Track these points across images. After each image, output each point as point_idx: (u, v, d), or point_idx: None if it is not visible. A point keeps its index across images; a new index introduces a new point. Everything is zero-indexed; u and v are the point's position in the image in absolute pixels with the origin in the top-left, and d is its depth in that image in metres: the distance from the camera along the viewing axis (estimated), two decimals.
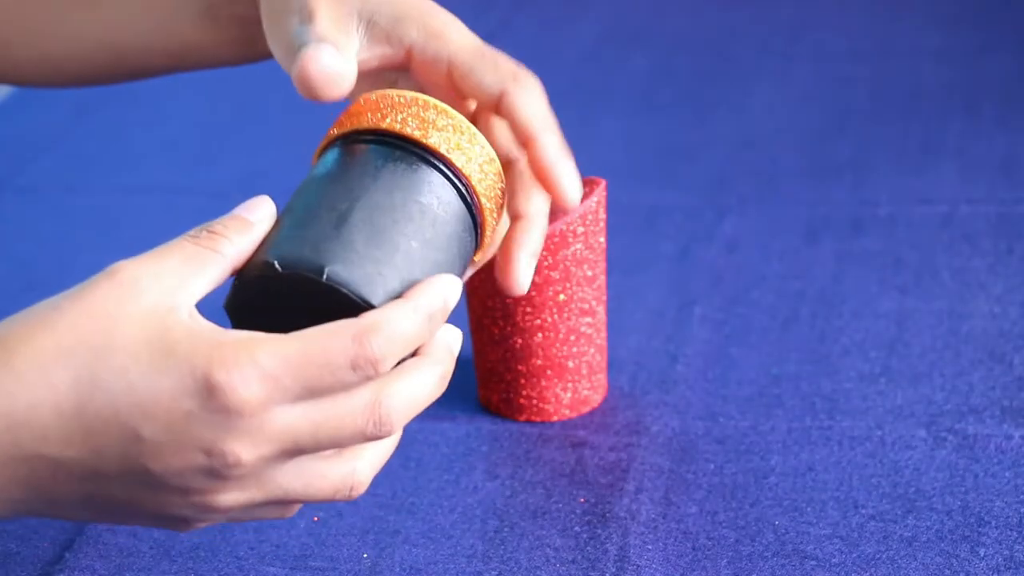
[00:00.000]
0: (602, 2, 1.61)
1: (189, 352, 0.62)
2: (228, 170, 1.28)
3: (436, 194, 0.69)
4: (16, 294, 1.10)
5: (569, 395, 0.92)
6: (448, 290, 0.66)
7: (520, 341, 0.91)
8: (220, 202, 0.90)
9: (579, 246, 0.90)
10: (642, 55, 1.47)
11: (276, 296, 0.66)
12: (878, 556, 0.79)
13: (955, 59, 1.40)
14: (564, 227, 0.89)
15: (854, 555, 0.80)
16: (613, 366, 0.96)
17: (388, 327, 0.64)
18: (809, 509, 0.83)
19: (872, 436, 0.89)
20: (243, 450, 0.62)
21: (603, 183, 0.91)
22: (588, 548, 0.81)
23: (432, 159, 0.70)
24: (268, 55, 0.80)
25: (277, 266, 0.65)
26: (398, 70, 0.76)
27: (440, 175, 0.70)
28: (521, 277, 0.73)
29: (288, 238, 0.67)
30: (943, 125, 1.27)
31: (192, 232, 0.67)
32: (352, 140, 0.70)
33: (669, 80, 1.42)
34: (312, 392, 0.63)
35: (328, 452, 0.66)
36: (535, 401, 0.92)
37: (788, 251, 1.10)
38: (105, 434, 0.62)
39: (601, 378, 0.94)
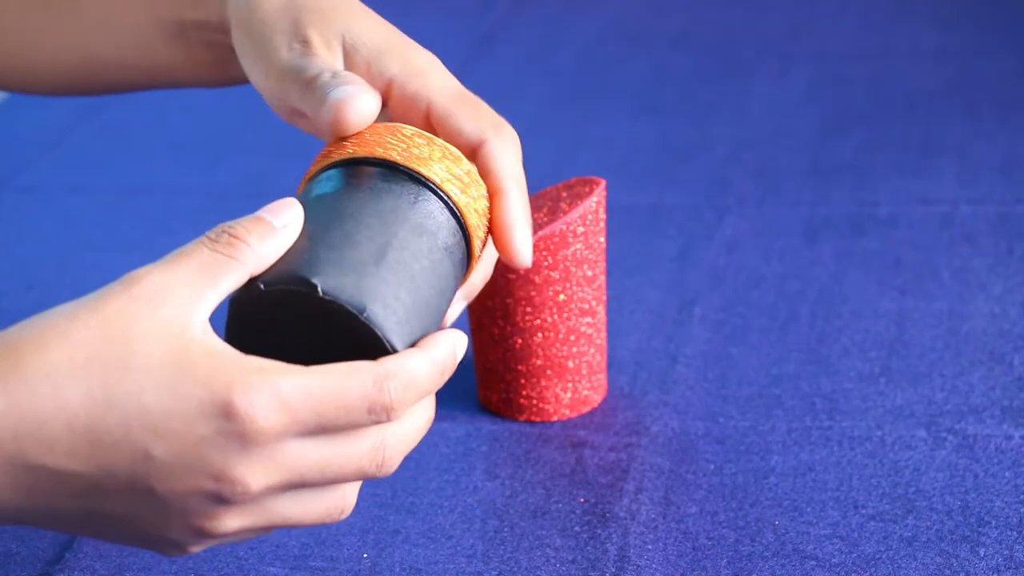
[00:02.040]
0: (602, 2, 1.61)
1: (209, 375, 0.62)
2: (230, 171, 1.28)
3: (455, 242, 0.70)
4: (16, 294, 1.10)
5: (569, 395, 0.92)
6: (458, 343, 0.67)
7: (520, 341, 0.91)
8: (222, 203, 0.91)
9: (579, 246, 0.90)
10: (642, 55, 1.47)
11: (293, 313, 0.65)
12: (878, 556, 0.79)
13: (955, 59, 1.40)
14: (564, 227, 0.89)
15: (854, 555, 0.80)
16: (613, 366, 0.97)
17: (406, 375, 0.64)
18: (809, 509, 0.83)
19: (872, 436, 0.89)
20: (252, 478, 0.62)
21: (603, 183, 0.91)
22: (588, 548, 0.81)
23: (455, 211, 0.70)
24: (242, 79, 0.79)
25: (320, 291, 0.64)
26: None
27: (458, 225, 0.70)
28: (525, 250, 0.72)
29: (327, 261, 0.65)
30: (943, 125, 1.27)
31: (212, 234, 0.66)
32: (385, 167, 0.69)
33: (669, 80, 1.42)
34: (325, 428, 0.63)
35: None
36: (535, 401, 0.92)
37: (788, 251, 1.10)
38: (114, 452, 0.61)
39: (601, 378, 0.94)
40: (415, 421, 0.66)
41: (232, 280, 0.65)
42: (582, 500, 0.85)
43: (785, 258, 1.09)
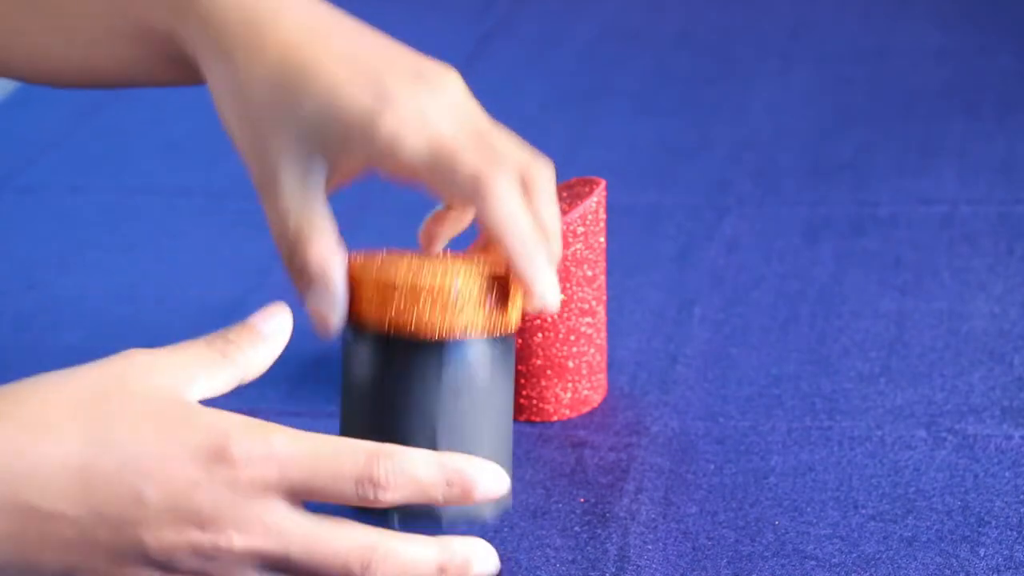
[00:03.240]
0: (602, 2, 1.61)
1: (208, 423, 0.64)
2: (230, 171, 1.28)
3: (493, 357, 0.73)
4: (16, 294, 1.10)
5: (569, 395, 0.92)
6: (485, 479, 0.67)
7: (520, 341, 0.91)
8: (222, 203, 0.90)
9: (579, 246, 0.90)
10: (642, 55, 1.47)
11: None
12: (878, 556, 0.79)
13: (955, 59, 1.40)
14: (564, 227, 0.89)
15: (854, 555, 0.80)
16: (613, 366, 0.96)
17: (401, 458, 0.65)
18: (809, 509, 0.83)
19: (872, 436, 0.89)
20: (236, 535, 0.63)
21: (603, 183, 0.91)
22: (588, 548, 0.81)
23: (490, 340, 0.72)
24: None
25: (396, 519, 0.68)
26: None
27: (495, 342, 0.73)
28: (548, 293, 0.73)
29: None
30: (943, 125, 1.27)
31: (208, 337, 0.68)
32: (410, 344, 0.71)
33: (669, 80, 1.42)
34: (312, 493, 0.64)
35: None
36: (535, 401, 0.92)
37: (788, 251, 1.10)
38: (106, 494, 0.62)
39: (601, 378, 0.94)
40: (415, 551, 0.66)
41: (225, 376, 0.67)
42: (582, 500, 0.85)
43: (785, 258, 1.09)
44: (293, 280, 0.73)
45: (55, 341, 1.04)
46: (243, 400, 0.95)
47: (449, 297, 0.71)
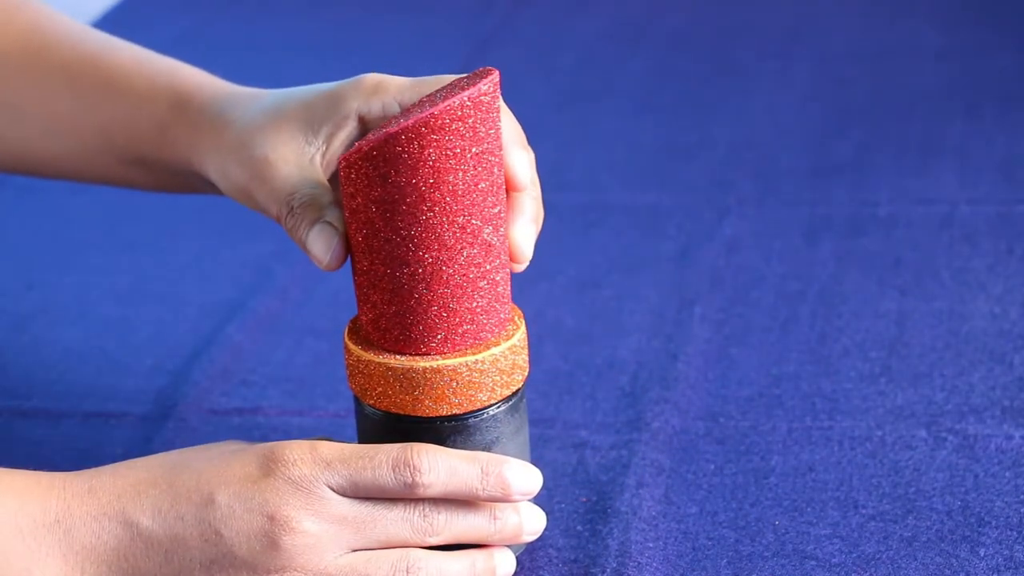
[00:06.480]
0: (602, 2, 1.61)
1: (264, 445, 0.74)
2: None
3: (523, 429, 0.80)
4: (16, 294, 1.10)
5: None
6: (517, 469, 0.75)
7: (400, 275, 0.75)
8: (222, 203, 0.90)
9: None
10: (642, 55, 1.47)
11: None
12: (878, 556, 0.79)
13: (955, 59, 1.40)
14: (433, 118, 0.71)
15: (854, 555, 0.80)
16: (614, 366, 0.97)
17: (436, 450, 0.73)
18: (809, 509, 0.83)
19: (872, 436, 0.89)
20: (302, 518, 0.71)
21: (496, 72, 0.73)
22: (590, 545, 0.81)
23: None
24: (204, 191, 0.88)
25: None
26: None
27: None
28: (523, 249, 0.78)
29: None
30: (943, 125, 1.27)
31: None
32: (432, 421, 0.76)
33: (669, 80, 1.42)
34: (355, 484, 0.72)
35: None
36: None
37: (788, 251, 1.10)
38: (188, 500, 0.72)
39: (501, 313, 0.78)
40: (451, 563, 0.74)
41: None
42: (584, 500, 0.85)
43: (785, 258, 1.09)
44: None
45: (55, 341, 1.04)
46: (245, 400, 0.96)
47: (464, 378, 0.75)
